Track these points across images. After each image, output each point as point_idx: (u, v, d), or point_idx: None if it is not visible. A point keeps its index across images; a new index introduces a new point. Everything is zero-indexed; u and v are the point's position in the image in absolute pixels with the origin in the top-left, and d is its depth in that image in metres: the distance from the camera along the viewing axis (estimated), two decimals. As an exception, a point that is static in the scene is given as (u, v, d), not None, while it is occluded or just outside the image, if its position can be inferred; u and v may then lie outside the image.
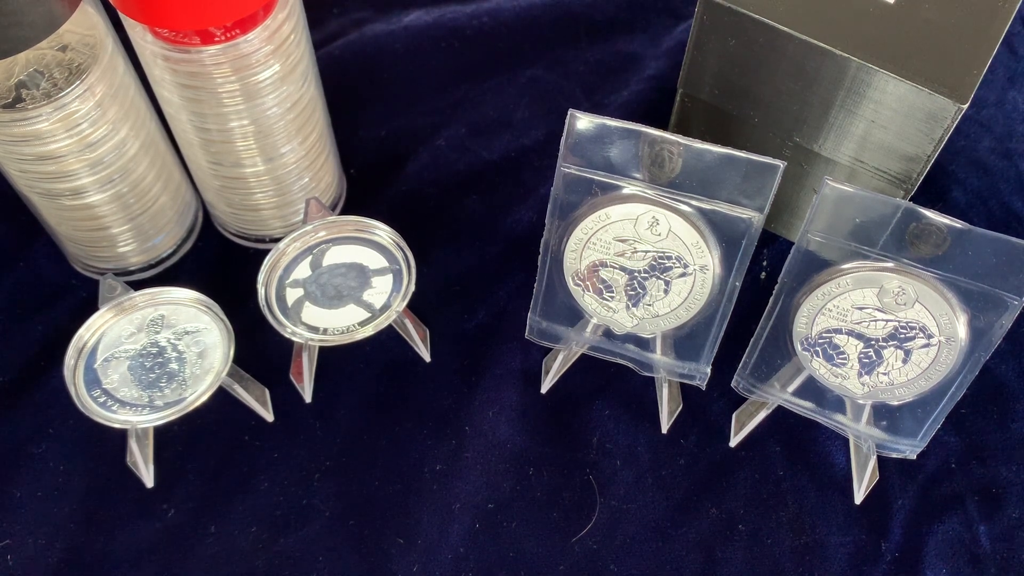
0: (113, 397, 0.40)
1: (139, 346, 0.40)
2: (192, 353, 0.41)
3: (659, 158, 0.38)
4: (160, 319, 0.40)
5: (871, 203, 0.37)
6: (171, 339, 0.41)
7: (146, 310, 0.40)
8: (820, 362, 0.41)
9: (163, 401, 0.41)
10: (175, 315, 0.41)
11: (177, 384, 0.41)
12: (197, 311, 0.41)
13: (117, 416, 0.40)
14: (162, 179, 0.46)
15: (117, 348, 0.40)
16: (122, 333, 0.40)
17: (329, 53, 0.57)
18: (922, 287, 0.38)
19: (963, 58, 0.39)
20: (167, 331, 0.41)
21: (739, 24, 0.41)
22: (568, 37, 0.59)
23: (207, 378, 0.42)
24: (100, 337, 0.40)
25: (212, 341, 0.41)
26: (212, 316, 0.41)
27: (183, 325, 0.41)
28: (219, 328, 0.41)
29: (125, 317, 0.40)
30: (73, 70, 0.39)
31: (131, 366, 0.40)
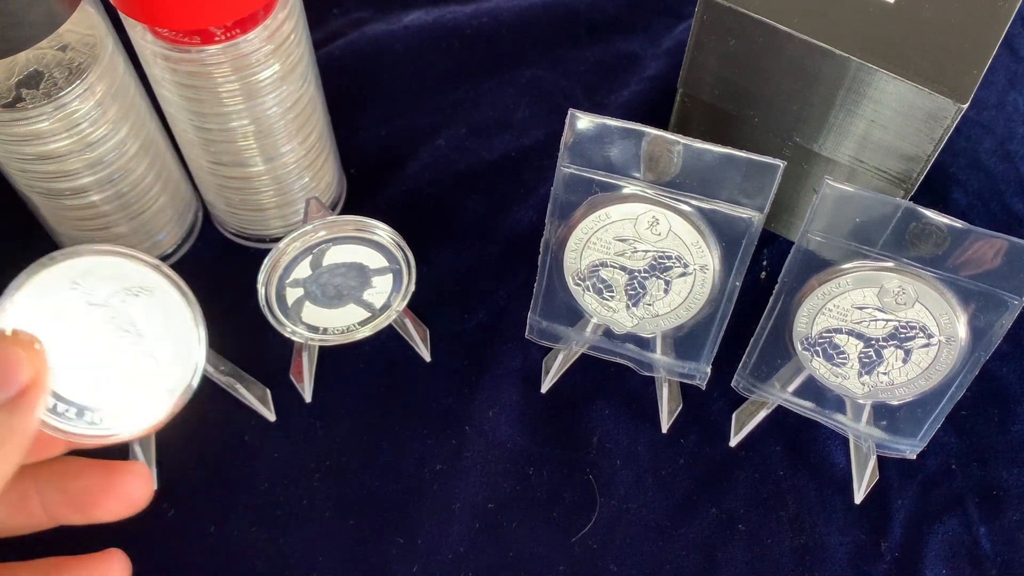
0: None
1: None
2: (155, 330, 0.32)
3: (659, 158, 0.38)
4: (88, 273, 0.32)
5: (871, 203, 0.37)
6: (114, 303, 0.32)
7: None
8: (820, 362, 0.41)
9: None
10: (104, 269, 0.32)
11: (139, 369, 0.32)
12: (143, 270, 0.32)
13: None
14: (162, 179, 0.46)
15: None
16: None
17: (329, 53, 0.57)
18: (922, 287, 0.38)
19: (963, 58, 0.39)
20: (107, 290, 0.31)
21: (739, 24, 0.41)
22: (568, 37, 0.59)
23: None
24: None
25: (178, 312, 0.33)
26: (164, 276, 0.32)
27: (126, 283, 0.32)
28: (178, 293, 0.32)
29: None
30: (73, 70, 0.39)
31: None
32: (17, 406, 0.28)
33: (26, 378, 0.28)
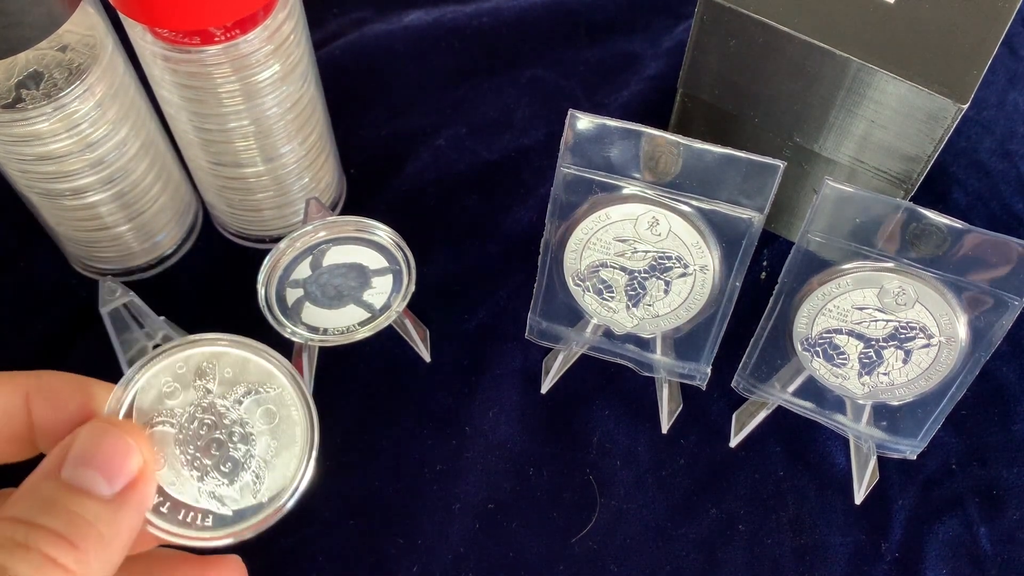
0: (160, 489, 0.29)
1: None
2: (262, 429, 0.29)
3: (659, 158, 0.38)
4: (208, 370, 0.29)
5: (871, 203, 0.37)
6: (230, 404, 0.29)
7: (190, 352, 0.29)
8: (820, 362, 0.41)
9: (228, 506, 0.29)
10: (230, 364, 0.29)
11: (254, 475, 0.29)
12: (264, 364, 0.29)
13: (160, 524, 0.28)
14: (162, 179, 0.46)
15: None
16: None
17: (329, 53, 0.57)
18: (922, 287, 0.38)
19: (963, 58, 0.39)
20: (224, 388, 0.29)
21: (739, 24, 0.41)
22: (568, 37, 0.59)
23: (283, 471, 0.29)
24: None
25: (289, 417, 0.29)
26: (285, 373, 0.29)
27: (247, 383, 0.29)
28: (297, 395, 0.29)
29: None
30: (73, 70, 0.39)
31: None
32: (124, 501, 0.25)
33: (135, 470, 0.26)
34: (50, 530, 0.23)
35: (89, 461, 0.25)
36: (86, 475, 0.25)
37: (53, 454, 0.25)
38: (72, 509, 0.24)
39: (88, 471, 0.25)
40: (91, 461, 0.25)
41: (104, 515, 0.25)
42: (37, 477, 0.25)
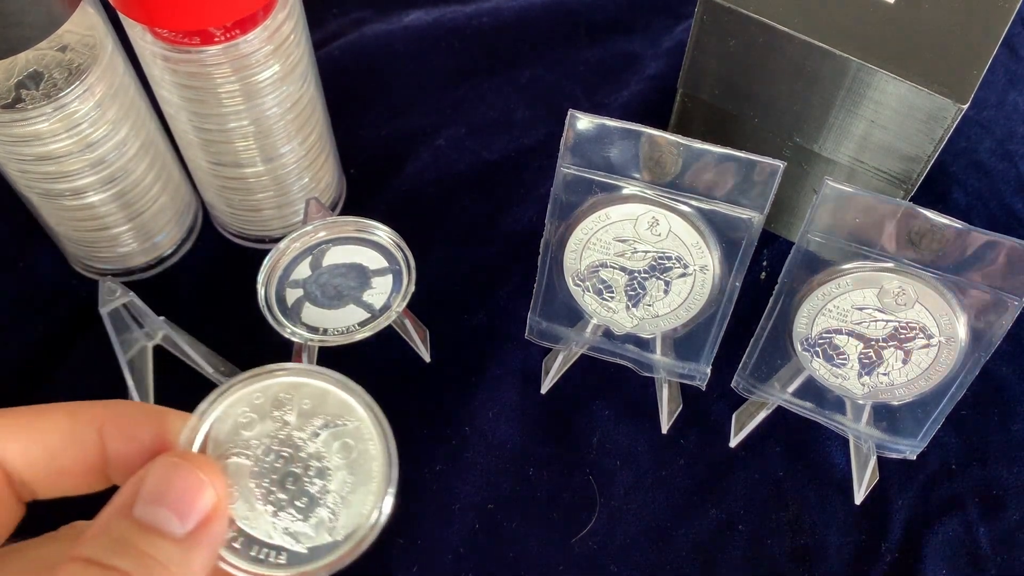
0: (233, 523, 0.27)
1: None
2: (339, 463, 0.27)
3: (659, 158, 0.38)
4: (286, 401, 0.28)
5: (871, 203, 0.37)
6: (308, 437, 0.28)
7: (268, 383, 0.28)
8: (820, 362, 0.41)
9: (302, 544, 0.27)
10: (308, 397, 0.28)
11: (331, 512, 0.27)
12: (342, 396, 0.28)
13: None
14: (162, 179, 0.46)
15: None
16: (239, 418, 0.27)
17: (329, 53, 0.57)
18: (922, 287, 0.38)
19: (963, 58, 0.39)
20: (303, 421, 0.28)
21: (739, 24, 0.41)
22: (568, 37, 0.59)
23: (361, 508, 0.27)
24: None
25: (367, 451, 0.28)
26: (364, 406, 0.28)
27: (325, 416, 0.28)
28: (376, 427, 0.28)
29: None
30: (73, 70, 0.39)
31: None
32: (197, 540, 0.24)
33: (208, 507, 0.25)
34: (122, 572, 0.23)
35: (161, 498, 0.24)
36: (158, 513, 0.24)
37: (125, 490, 0.25)
38: (144, 550, 0.23)
39: (160, 509, 0.24)
40: (163, 498, 0.24)
41: (176, 556, 0.24)
42: (109, 514, 0.24)
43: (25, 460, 0.26)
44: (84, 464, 0.26)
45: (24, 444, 0.26)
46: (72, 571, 0.22)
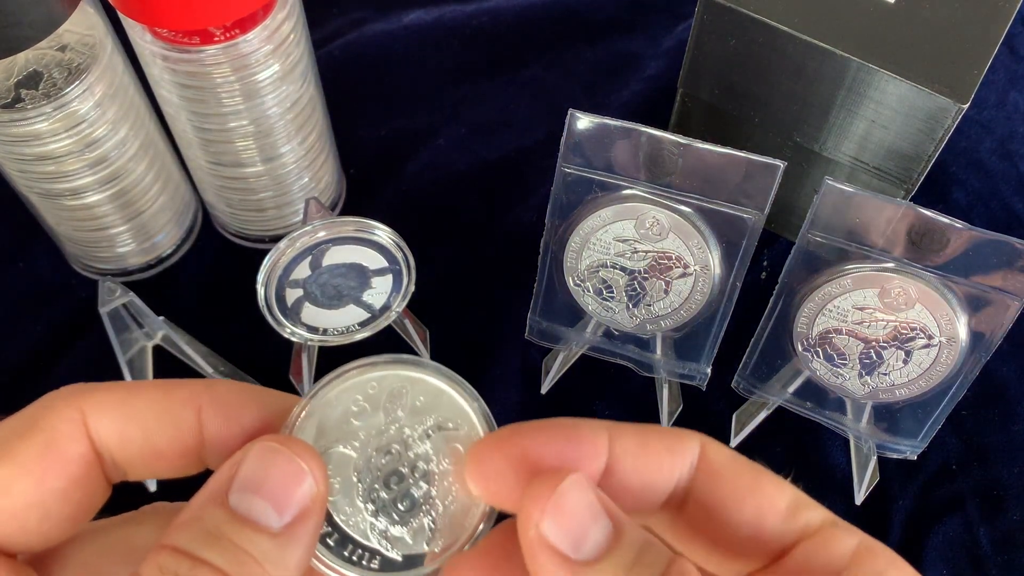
0: (329, 516, 0.25)
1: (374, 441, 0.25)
2: (446, 469, 0.25)
3: (659, 158, 0.38)
4: (401, 394, 0.26)
5: (871, 203, 0.37)
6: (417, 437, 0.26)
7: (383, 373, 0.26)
8: (820, 363, 0.41)
9: (398, 550, 0.25)
10: (421, 395, 0.26)
11: (432, 521, 0.25)
12: (457, 400, 0.26)
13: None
14: (161, 179, 0.46)
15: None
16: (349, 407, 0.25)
17: (329, 53, 0.57)
18: (923, 288, 0.38)
19: (963, 58, 0.39)
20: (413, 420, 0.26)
21: (739, 24, 0.41)
22: (568, 37, 0.58)
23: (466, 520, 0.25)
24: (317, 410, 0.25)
25: None
26: (477, 412, 0.26)
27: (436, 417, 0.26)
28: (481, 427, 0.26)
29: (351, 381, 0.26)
30: (72, 70, 0.39)
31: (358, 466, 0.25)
32: (293, 535, 0.22)
33: (307, 499, 0.23)
34: (215, 567, 0.21)
35: (258, 488, 0.23)
36: (254, 504, 0.22)
37: (220, 474, 0.23)
38: (238, 544, 0.22)
39: (256, 499, 0.22)
40: (260, 488, 0.23)
41: (272, 552, 0.22)
42: (203, 501, 0.23)
43: (119, 439, 0.24)
44: (180, 446, 0.24)
45: (118, 422, 0.24)
46: (162, 562, 0.21)
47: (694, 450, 0.24)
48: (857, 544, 0.23)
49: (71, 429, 0.23)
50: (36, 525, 0.23)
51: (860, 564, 0.23)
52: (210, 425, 0.24)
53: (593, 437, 0.23)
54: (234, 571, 0.22)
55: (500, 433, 0.24)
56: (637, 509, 0.24)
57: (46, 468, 0.23)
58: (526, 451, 0.23)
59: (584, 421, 0.23)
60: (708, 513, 0.24)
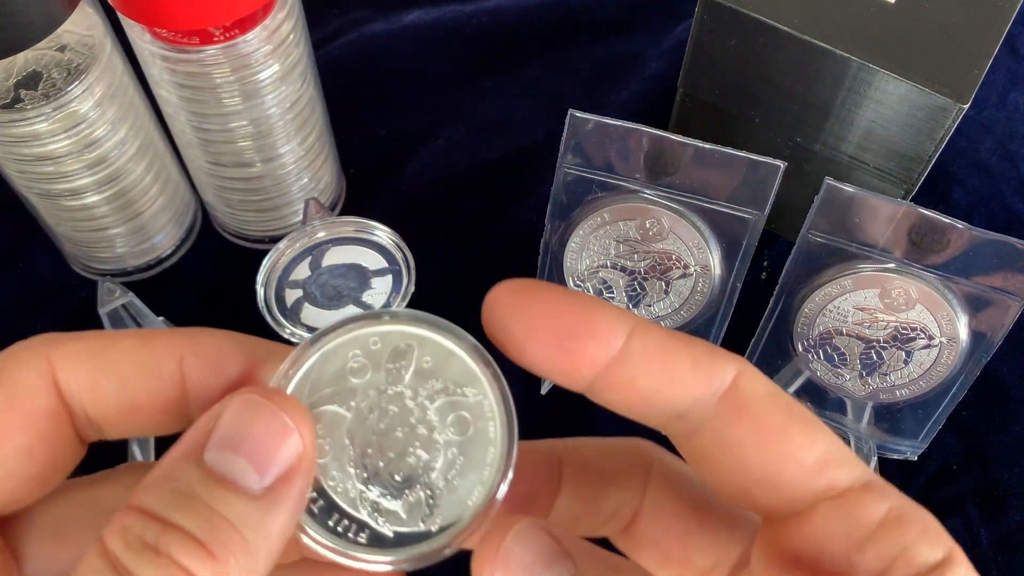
0: (315, 480, 0.22)
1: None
2: (451, 439, 0.23)
3: (660, 158, 0.38)
4: (407, 353, 0.23)
5: (872, 204, 0.37)
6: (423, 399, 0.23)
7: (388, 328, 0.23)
8: (821, 363, 0.41)
9: (390, 524, 0.22)
10: (431, 355, 0.23)
11: (429, 496, 0.23)
12: (468, 363, 0.23)
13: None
14: (160, 179, 0.46)
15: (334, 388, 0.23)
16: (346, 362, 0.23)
17: (329, 53, 0.57)
18: (923, 288, 0.38)
19: (964, 58, 0.39)
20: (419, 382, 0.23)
21: (739, 24, 0.41)
22: (568, 37, 0.58)
23: (470, 498, 0.22)
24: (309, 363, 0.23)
25: (485, 432, 0.23)
26: (490, 379, 0.23)
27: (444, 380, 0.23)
28: (497, 403, 0.23)
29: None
30: (72, 70, 0.39)
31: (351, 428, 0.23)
32: (276, 499, 0.20)
33: (291, 458, 0.20)
34: (185, 532, 0.19)
35: (237, 444, 0.20)
36: (233, 462, 0.20)
37: (196, 428, 0.21)
38: (213, 507, 0.20)
39: (235, 457, 0.20)
40: (239, 444, 0.20)
41: (251, 517, 0.20)
42: (175, 457, 0.20)
43: (92, 392, 0.21)
44: (161, 400, 0.22)
45: (91, 373, 0.21)
46: (127, 524, 0.19)
47: (724, 375, 0.21)
48: (887, 511, 0.20)
49: (37, 381, 0.21)
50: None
51: (884, 535, 0.20)
52: (193, 376, 0.22)
53: (609, 325, 0.21)
54: (207, 537, 0.19)
55: (520, 282, 0.22)
56: (640, 414, 0.22)
57: (9, 424, 0.21)
58: (538, 308, 0.22)
59: (607, 306, 0.22)
60: (721, 447, 0.21)
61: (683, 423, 0.22)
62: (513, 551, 0.21)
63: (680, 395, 0.21)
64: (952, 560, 0.20)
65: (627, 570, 0.21)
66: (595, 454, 0.26)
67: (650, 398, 0.21)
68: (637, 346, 0.21)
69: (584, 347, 0.21)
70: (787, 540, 0.21)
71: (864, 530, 0.20)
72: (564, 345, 0.22)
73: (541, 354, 0.22)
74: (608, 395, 0.22)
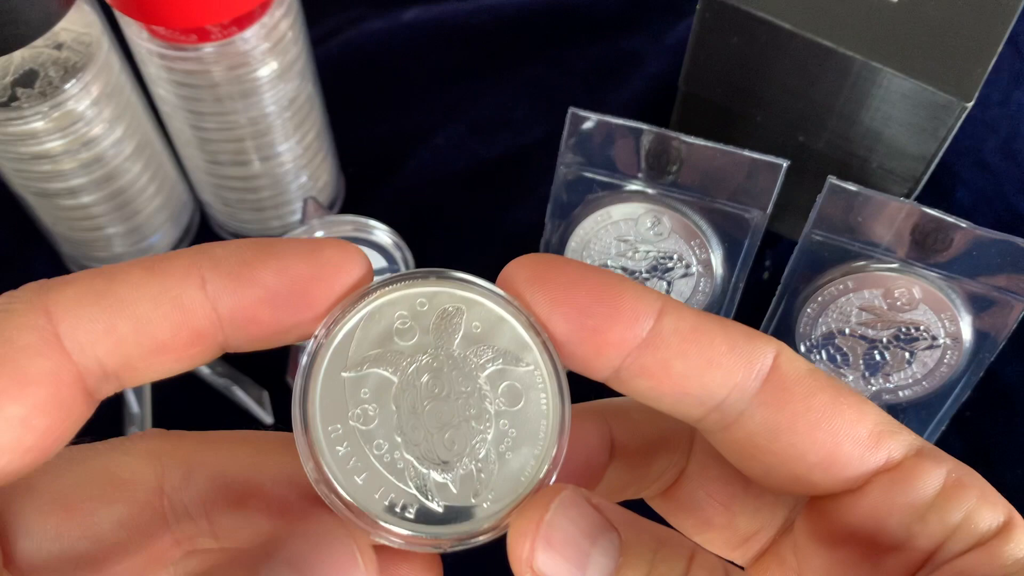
0: (359, 447, 0.20)
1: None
2: (501, 409, 0.21)
3: (661, 157, 0.38)
4: (455, 317, 0.22)
5: (875, 203, 0.37)
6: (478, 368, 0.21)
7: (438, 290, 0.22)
8: (824, 363, 0.41)
9: (439, 499, 0.21)
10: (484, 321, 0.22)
11: (480, 469, 0.21)
12: (519, 331, 0.21)
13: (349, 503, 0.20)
14: (158, 179, 0.46)
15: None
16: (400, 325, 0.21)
17: (327, 51, 0.57)
18: (926, 288, 0.37)
19: (968, 56, 0.39)
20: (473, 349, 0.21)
21: (741, 22, 0.40)
22: (569, 34, 0.58)
23: (519, 477, 0.21)
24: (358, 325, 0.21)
25: (537, 403, 0.21)
26: (541, 348, 0.21)
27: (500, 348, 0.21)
28: (550, 377, 0.21)
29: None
30: (69, 68, 0.39)
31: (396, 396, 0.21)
32: None
33: None
34: None
35: (300, 568, 0.18)
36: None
37: (267, 539, 0.18)
38: None
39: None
40: (302, 569, 0.18)
41: None
42: (240, 561, 0.18)
43: (108, 341, 0.19)
44: (188, 332, 0.19)
45: (102, 318, 0.19)
46: None
47: (764, 358, 0.20)
48: (945, 477, 0.19)
49: (35, 340, 0.18)
50: None
51: (944, 503, 0.19)
52: (222, 296, 0.19)
53: (638, 303, 0.19)
54: None
55: (540, 256, 0.21)
56: (673, 404, 0.20)
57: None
58: (559, 283, 0.20)
59: (634, 284, 0.20)
60: (771, 434, 0.20)
61: (720, 414, 0.20)
62: (557, 524, 0.19)
63: (719, 381, 0.19)
64: (1012, 524, 0.19)
65: (673, 541, 0.19)
66: (643, 417, 0.24)
67: (685, 385, 0.20)
68: (669, 326, 0.19)
69: (611, 326, 0.19)
70: (840, 516, 0.20)
71: (925, 500, 0.19)
72: (589, 324, 0.19)
73: (563, 334, 0.20)
74: (636, 383, 0.20)
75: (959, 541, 0.19)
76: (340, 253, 0.20)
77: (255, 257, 0.20)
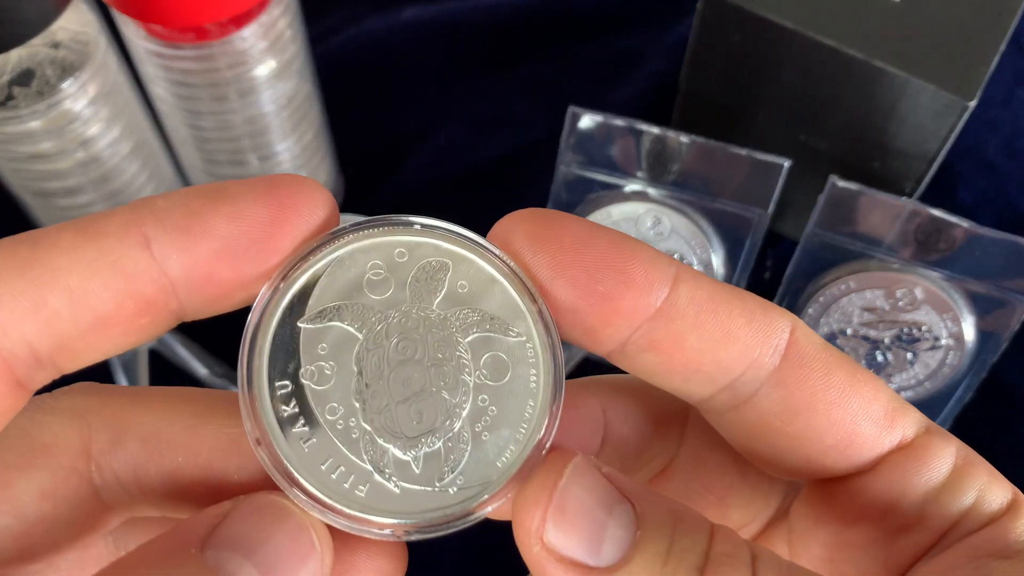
0: (308, 409, 0.18)
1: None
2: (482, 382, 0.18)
3: (661, 156, 0.38)
4: (438, 272, 0.19)
5: (877, 202, 0.36)
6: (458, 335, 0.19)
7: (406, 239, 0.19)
8: (825, 364, 0.40)
9: (397, 478, 0.18)
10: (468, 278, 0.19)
11: (450, 449, 0.18)
12: (512, 295, 0.19)
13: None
14: (155, 178, 0.46)
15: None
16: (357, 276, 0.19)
17: (326, 49, 0.57)
18: (929, 288, 0.37)
19: (970, 56, 0.38)
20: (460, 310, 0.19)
21: (742, 20, 0.40)
22: (569, 33, 0.58)
23: (500, 459, 0.18)
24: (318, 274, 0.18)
25: (525, 380, 0.18)
26: (535, 317, 0.18)
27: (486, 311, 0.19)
28: (542, 347, 0.18)
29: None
30: (66, 68, 0.39)
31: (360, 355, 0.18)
32: None
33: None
34: None
35: (249, 549, 0.16)
36: (239, 568, 0.16)
37: (198, 518, 0.16)
38: None
39: (243, 563, 0.16)
40: (250, 551, 0.16)
41: None
42: (173, 541, 0.16)
43: (36, 321, 0.16)
44: (135, 301, 0.17)
45: (27, 296, 0.16)
46: None
47: (782, 332, 0.18)
48: (955, 457, 0.19)
49: None
50: None
51: (958, 482, 0.19)
52: (171, 254, 0.17)
53: (652, 268, 0.17)
54: None
55: (542, 211, 0.18)
56: (683, 383, 0.18)
57: None
58: (565, 243, 0.18)
59: (647, 246, 0.18)
60: (788, 414, 0.18)
61: (731, 393, 0.18)
62: (572, 492, 0.17)
63: (735, 356, 0.18)
64: (1019, 501, 0.19)
65: (688, 515, 0.17)
66: (640, 398, 0.21)
67: (698, 361, 0.18)
68: (685, 296, 0.17)
69: (623, 294, 0.17)
70: (849, 497, 0.19)
71: (940, 479, 0.19)
72: (597, 290, 0.17)
73: (566, 301, 0.17)
74: (643, 357, 0.18)
75: (972, 520, 0.18)
76: (301, 189, 0.17)
77: (204, 205, 0.17)
